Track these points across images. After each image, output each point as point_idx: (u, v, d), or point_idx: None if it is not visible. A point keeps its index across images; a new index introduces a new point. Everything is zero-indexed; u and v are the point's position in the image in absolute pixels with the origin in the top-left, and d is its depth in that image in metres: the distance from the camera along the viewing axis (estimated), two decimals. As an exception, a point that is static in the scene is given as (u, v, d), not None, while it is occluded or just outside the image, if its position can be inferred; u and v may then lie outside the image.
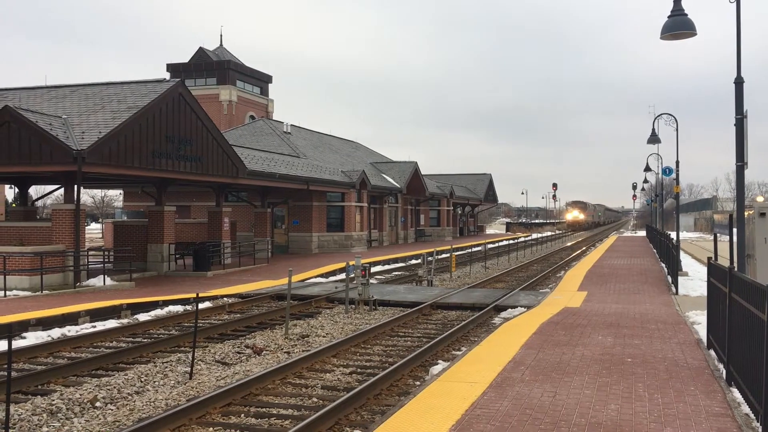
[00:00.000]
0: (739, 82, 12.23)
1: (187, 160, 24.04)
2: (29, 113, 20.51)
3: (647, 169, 47.42)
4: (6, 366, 7.48)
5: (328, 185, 37.15)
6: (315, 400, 9.22)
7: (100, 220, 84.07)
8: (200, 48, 75.52)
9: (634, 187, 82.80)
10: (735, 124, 12.24)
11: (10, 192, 61.87)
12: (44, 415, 8.37)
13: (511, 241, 52.03)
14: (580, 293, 18.67)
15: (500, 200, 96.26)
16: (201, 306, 17.27)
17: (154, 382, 10.05)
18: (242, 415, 8.49)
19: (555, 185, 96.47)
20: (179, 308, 17.39)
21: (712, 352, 10.70)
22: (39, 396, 9.17)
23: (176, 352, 12.21)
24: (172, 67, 72.31)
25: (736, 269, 10.14)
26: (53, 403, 8.79)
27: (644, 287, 20.49)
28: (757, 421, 7.16)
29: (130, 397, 9.25)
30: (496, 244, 49.57)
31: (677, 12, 12.63)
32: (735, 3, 12.04)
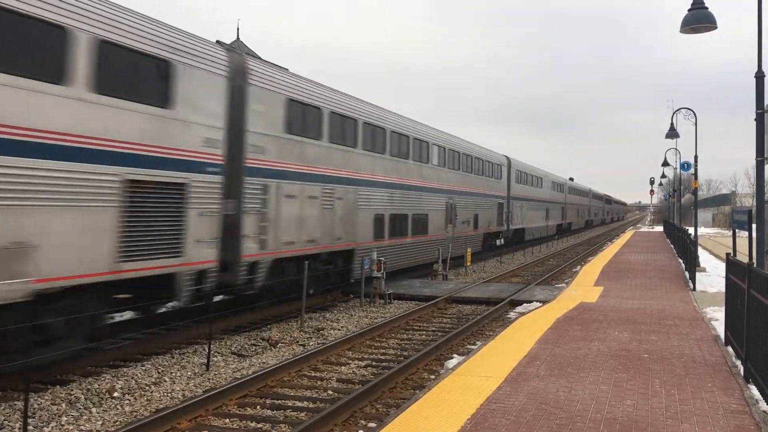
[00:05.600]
0: (759, 77, 12.08)
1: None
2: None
3: (665, 163, 47.01)
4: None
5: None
6: (330, 392, 9.27)
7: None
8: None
9: (652, 182, 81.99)
10: (755, 119, 12.10)
11: None
12: (63, 404, 8.48)
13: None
14: (597, 288, 18.58)
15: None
16: (216, 298, 17.36)
17: (171, 373, 10.14)
18: (258, 406, 8.55)
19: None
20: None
21: (729, 348, 10.61)
22: (58, 386, 9.28)
23: (193, 344, 12.30)
24: (189, 61, 72.56)
25: (755, 265, 10.04)
26: (72, 393, 8.90)
27: (661, 283, 20.35)
28: (776, 419, 7.10)
29: (147, 388, 9.34)
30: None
31: (697, 6, 12.50)
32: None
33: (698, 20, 12.45)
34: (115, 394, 8.95)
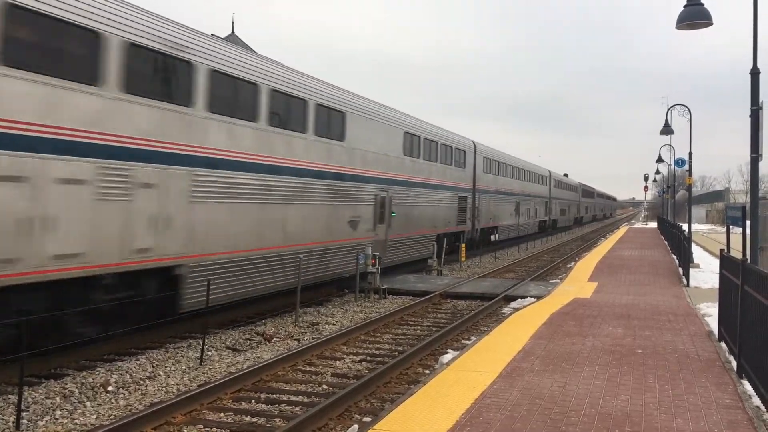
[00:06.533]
0: (755, 73, 12.10)
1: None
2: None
3: (659, 160, 47.12)
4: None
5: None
6: (325, 387, 9.28)
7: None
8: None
9: (646, 179, 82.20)
10: (750, 116, 12.12)
11: None
12: (57, 398, 8.46)
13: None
14: (591, 284, 18.63)
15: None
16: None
17: (166, 367, 10.13)
18: (253, 401, 8.55)
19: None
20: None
21: (723, 344, 10.66)
22: (52, 380, 9.26)
23: (187, 338, 12.29)
24: (183, 55, 72.26)
25: (749, 261, 10.09)
26: (66, 386, 8.88)
27: (655, 279, 20.42)
28: (768, 414, 7.14)
29: (142, 382, 9.33)
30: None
31: (693, 2, 12.50)
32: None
33: (694, 16, 12.44)
34: (110, 388, 8.94)
